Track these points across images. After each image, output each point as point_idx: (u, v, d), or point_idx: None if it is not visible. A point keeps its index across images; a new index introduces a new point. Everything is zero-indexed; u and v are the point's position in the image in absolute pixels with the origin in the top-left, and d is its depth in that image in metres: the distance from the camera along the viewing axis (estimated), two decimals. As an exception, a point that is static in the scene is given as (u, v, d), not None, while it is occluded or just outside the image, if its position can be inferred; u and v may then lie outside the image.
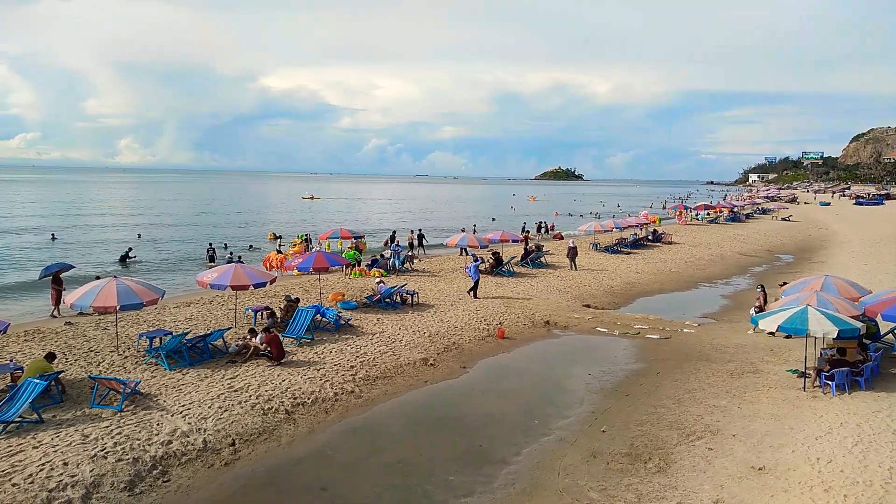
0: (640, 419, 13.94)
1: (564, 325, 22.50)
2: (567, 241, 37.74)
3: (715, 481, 10.92)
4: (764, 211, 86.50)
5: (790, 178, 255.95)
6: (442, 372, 17.35)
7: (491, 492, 11.00)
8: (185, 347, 16.66)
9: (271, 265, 30.57)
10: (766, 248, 47.57)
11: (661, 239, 47.81)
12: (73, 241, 46.96)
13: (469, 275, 26.84)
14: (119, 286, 16.28)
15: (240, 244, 45.84)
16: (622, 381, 16.74)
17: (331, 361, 17.09)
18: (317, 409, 14.28)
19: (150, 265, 37.53)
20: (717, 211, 75.66)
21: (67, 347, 17.57)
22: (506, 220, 67.23)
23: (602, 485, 11.08)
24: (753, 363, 17.57)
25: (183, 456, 11.68)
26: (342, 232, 34.93)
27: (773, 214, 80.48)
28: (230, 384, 14.99)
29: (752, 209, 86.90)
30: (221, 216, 75.50)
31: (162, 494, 10.62)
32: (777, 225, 67.29)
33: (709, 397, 15.06)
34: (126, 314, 20.17)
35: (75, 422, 12.57)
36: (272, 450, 12.45)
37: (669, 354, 18.99)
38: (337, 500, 10.83)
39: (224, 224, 65.15)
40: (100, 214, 73.05)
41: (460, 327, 21.28)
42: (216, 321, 21.04)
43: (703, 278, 33.65)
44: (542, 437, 13.25)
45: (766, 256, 43.30)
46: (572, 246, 35.25)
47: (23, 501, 9.70)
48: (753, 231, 58.88)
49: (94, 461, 10.98)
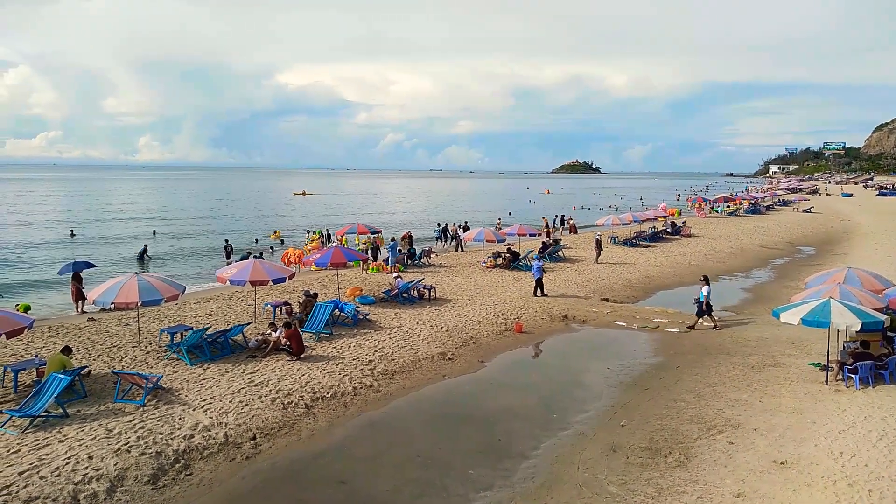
0: (659, 413, 13.86)
1: (583, 319, 22.41)
2: (594, 234, 37.64)
3: (736, 475, 10.83)
4: (785, 203, 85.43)
5: (811, 169, 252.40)
6: (460, 366, 17.36)
7: (510, 486, 11.00)
8: (205, 342, 16.83)
9: (290, 261, 30.79)
10: (787, 240, 46.99)
11: (681, 232, 47.38)
12: (92, 238, 47.55)
13: (532, 274, 25.94)
14: (140, 282, 16.46)
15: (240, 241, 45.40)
16: (641, 375, 16.64)
17: (349, 356, 17.18)
18: (336, 404, 14.37)
19: (167, 261, 37.94)
20: (736, 203, 74.82)
21: (90, 343, 17.83)
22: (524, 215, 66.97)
23: (622, 479, 11.03)
24: (775, 356, 17.39)
25: (205, 450, 11.81)
26: (359, 227, 35.04)
27: (794, 206, 79.40)
28: (250, 379, 15.13)
29: (772, 201, 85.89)
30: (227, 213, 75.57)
31: (184, 488, 10.74)
32: (798, 217, 66.45)
33: (729, 391, 14.93)
34: (147, 310, 20.39)
35: (99, 416, 12.76)
36: (292, 444, 12.55)
37: (689, 348, 18.85)
38: (356, 493, 10.89)
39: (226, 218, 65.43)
40: (118, 212, 73.92)
41: (478, 322, 21.27)
42: (236, 316, 21.23)
43: (723, 271, 33.33)
44: (561, 431, 13.22)
45: (788, 249, 42.77)
46: (598, 238, 35.08)
47: (50, 494, 9.87)
48: (774, 223, 58.20)
49: (117, 455, 11.14)
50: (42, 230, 51.55)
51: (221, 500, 10.53)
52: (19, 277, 31.88)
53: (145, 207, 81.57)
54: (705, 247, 41.35)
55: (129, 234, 47.51)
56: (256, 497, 10.71)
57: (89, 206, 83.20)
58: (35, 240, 45.73)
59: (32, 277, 31.48)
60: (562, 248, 36.62)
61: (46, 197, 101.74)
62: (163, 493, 10.51)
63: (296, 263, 30.19)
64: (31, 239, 46.07)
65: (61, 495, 9.90)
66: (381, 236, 38.21)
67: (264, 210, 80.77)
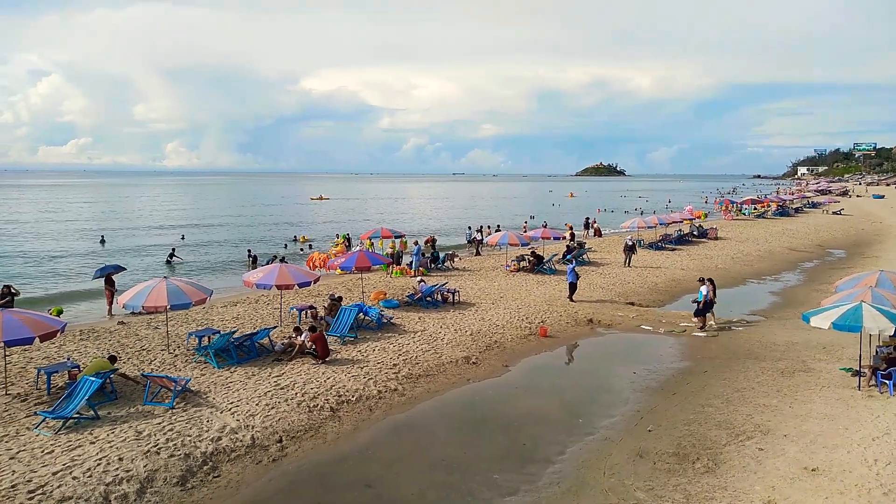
0: (687, 418, 13.69)
1: (608, 324, 22.24)
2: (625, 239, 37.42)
3: (766, 482, 10.66)
4: (814, 205, 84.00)
5: (841, 170, 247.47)
6: (484, 370, 17.33)
7: (535, 490, 10.94)
8: (232, 346, 17.02)
9: (314, 265, 31.03)
10: (816, 242, 46.19)
11: (707, 234, 46.84)
12: (122, 245, 48.31)
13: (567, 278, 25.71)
14: (169, 286, 16.72)
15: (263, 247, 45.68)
16: (668, 380, 16.46)
17: (374, 359, 17.25)
18: (361, 407, 14.43)
19: (195, 265, 38.46)
20: (764, 205, 73.72)
21: (120, 346, 18.14)
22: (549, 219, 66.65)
23: (649, 485, 10.91)
24: (805, 361, 17.09)
25: (232, 452, 11.93)
26: (383, 231, 35.20)
27: (823, 208, 78.03)
28: (277, 382, 15.26)
29: (801, 203, 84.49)
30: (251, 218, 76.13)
31: (212, 490, 10.87)
32: (828, 219, 65.27)
33: (758, 396, 14.71)
34: (176, 313, 20.70)
35: (129, 418, 12.97)
36: (318, 446, 12.63)
37: (717, 352, 18.61)
38: (382, 496, 10.92)
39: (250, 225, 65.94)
40: (147, 218, 75.06)
41: (502, 326, 21.22)
42: (262, 320, 21.44)
43: (751, 274, 32.88)
44: (587, 436, 13.12)
45: (817, 252, 42.04)
46: (630, 243, 34.79)
47: (82, 494, 10.05)
48: (803, 225, 57.24)
49: (147, 457, 11.31)
50: (74, 237, 52.53)
51: (248, 502, 10.63)
52: (53, 282, 32.55)
53: (174, 214, 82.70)
54: (732, 250, 40.81)
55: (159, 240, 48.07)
56: (283, 499, 10.79)
57: (119, 213, 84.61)
58: (67, 247, 46.62)
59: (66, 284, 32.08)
60: (586, 252, 36.38)
61: (77, 204, 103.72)
62: (191, 495, 10.64)
63: (321, 267, 30.42)
64: (64, 246, 46.98)
65: (93, 496, 10.07)
66: (404, 240, 38.36)
67: (284, 215, 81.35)
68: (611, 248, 40.54)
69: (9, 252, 42.18)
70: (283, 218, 75.82)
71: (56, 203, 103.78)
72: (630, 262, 33.92)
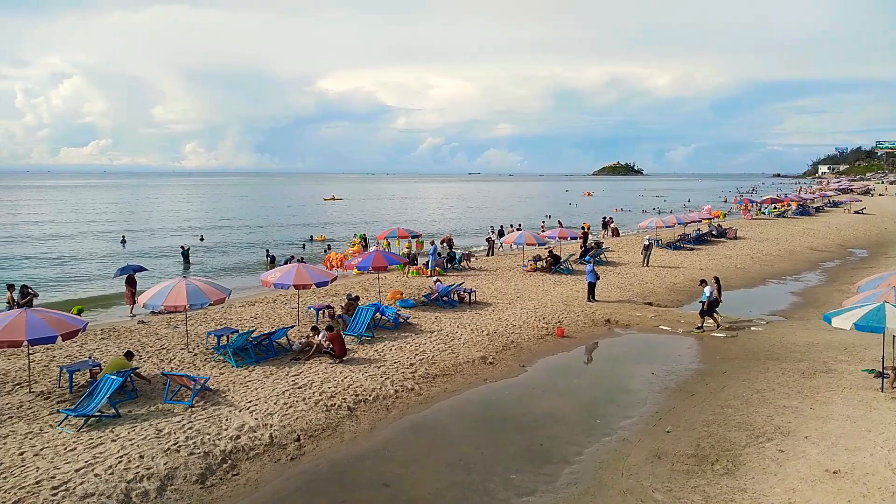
0: (706, 419, 13.58)
1: (626, 324, 22.11)
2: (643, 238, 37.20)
3: (786, 484, 10.54)
4: (835, 204, 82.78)
5: (863, 169, 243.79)
6: (501, 370, 17.31)
7: (553, 491, 10.91)
8: (251, 345, 17.16)
9: (332, 265, 31.16)
10: (837, 242, 45.58)
11: (726, 234, 46.39)
12: (143, 246, 48.80)
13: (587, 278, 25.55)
14: (188, 286, 16.89)
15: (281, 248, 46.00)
16: (687, 381, 16.33)
17: (391, 359, 17.29)
18: (378, 406, 14.48)
19: (213, 265, 38.79)
20: (784, 204, 72.86)
21: (141, 345, 18.34)
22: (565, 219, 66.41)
23: (667, 486, 10.84)
24: (826, 362, 16.87)
25: (251, 450, 12.03)
26: (399, 231, 35.28)
27: (844, 207, 76.91)
28: (294, 381, 15.36)
29: (822, 202, 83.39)
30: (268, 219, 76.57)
31: (231, 487, 10.96)
32: (849, 218, 64.36)
33: (779, 398, 14.55)
34: (195, 313, 20.92)
35: (149, 416, 13.12)
36: (335, 446, 12.68)
37: (736, 353, 18.43)
38: (399, 496, 10.94)
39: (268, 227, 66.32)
40: (167, 219, 75.79)
41: (519, 326, 21.18)
42: (280, 320, 21.58)
43: (771, 274, 32.52)
44: (605, 436, 13.06)
45: (839, 251, 41.48)
46: (648, 243, 34.56)
47: (104, 491, 10.18)
48: (824, 225, 56.49)
49: (167, 454, 11.43)
50: (95, 239, 53.17)
51: (267, 500, 10.71)
52: (77, 286, 32.99)
53: (193, 215, 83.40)
54: (752, 249, 40.40)
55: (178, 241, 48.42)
56: (301, 498, 10.85)
57: (139, 213, 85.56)
58: (88, 248, 47.21)
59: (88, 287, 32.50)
60: (604, 252, 36.19)
61: (98, 204, 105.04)
62: (211, 493, 10.74)
63: (337, 267, 30.54)
64: (85, 247, 47.58)
65: (115, 493, 10.20)
66: (420, 240, 38.43)
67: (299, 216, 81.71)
68: (628, 248, 40.30)
69: (32, 254, 42.75)
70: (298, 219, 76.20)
71: (77, 204, 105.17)
72: (648, 262, 33.70)
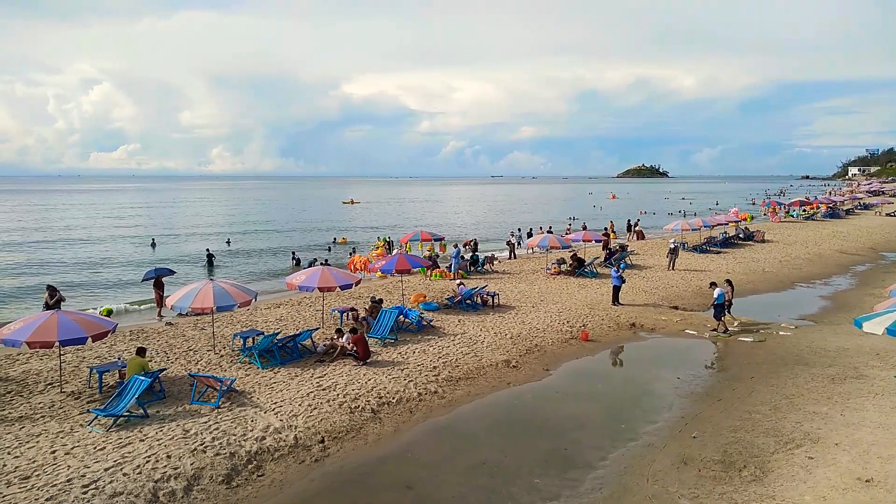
0: (733, 425, 13.39)
1: (651, 328, 21.90)
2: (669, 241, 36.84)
3: (816, 492, 10.34)
4: (866, 206, 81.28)
5: (895, 170, 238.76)
6: (525, 374, 17.24)
7: (577, 496, 10.84)
8: (276, 347, 17.32)
9: (355, 267, 31.34)
10: (868, 245, 44.66)
11: (753, 237, 45.75)
12: (172, 249, 49.44)
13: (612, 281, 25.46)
14: (215, 288, 17.10)
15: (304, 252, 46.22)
16: (713, 386, 16.13)
17: (414, 362, 17.33)
18: (401, 409, 14.51)
19: (239, 268, 39.19)
20: (813, 207, 71.65)
21: (168, 346, 18.62)
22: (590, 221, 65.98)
23: (694, 492, 10.71)
24: (857, 368, 16.54)
25: (276, 451, 12.13)
26: (422, 234, 35.37)
27: (876, 209, 75.48)
28: (319, 383, 15.46)
29: (852, 204, 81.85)
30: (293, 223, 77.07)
31: (257, 488, 11.06)
32: (881, 221, 63.06)
33: (808, 403, 14.29)
34: (221, 315, 21.17)
35: (176, 417, 13.30)
36: (359, 448, 12.74)
37: (764, 358, 18.15)
38: (423, 499, 10.95)
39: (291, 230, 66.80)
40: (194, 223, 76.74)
41: (542, 329, 21.09)
42: (305, 322, 21.75)
43: (800, 278, 31.97)
44: (630, 441, 12.94)
45: (869, 255, 40.64)
46: (674, 246, 34.22)
47: (133, 490, 10.35)
48: (854, 228, 55.42)
49: (194, 455, 11.58)
50: (125, 242, 53.99)
51: (292, 501, 10.79)
52: (105, 284, 33.58)
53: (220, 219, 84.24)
54: (780, 253, 39.76)
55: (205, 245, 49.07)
56: (325, 499, 10.91)
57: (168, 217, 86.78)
58: (119, 251, 47.97)
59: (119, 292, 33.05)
60: (628, 255, 35.88)
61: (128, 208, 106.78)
62: (236, 493, 10.85)
63: (361, 270, 30.70)
64: (116, 250, 48.33)
65: (142, 492, 10.36)
66: (443, 243, 38.46)
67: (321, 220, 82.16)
68: (654, 251, 39.93)
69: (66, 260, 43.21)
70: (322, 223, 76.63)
71: (107, 208, 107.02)
72: (674, 266, 33.35)
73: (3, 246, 50.09)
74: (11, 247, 49.58)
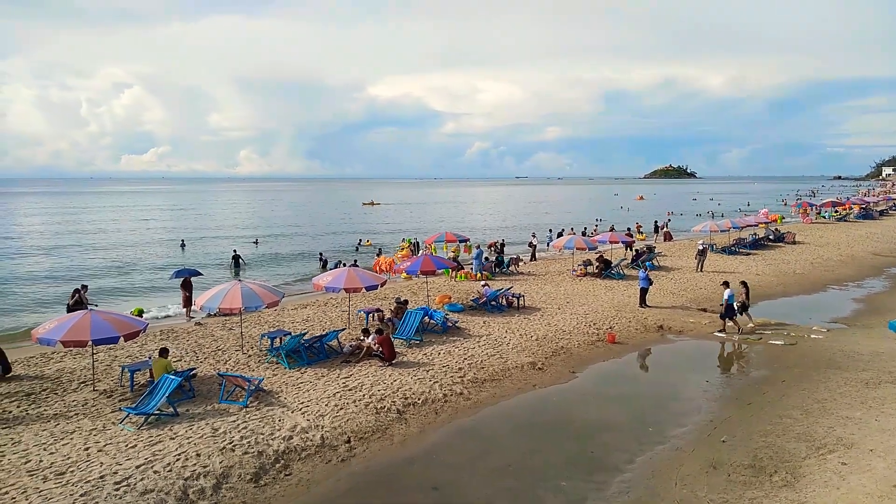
0: (763, 430, 13.17)
1: (679, 330, 21.65)
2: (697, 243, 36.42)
3: (850, 498, 10.12)
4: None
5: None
6: (551, 376, 17.16)
7: (604, 499, 10.75)
8: (303, 347, 17.48)
9: (381, 269, 31.49)
10: (904, 247, 43.61)
11: (784, 239, 44.98)
12: (201, 250, 50.17)
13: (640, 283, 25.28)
14: (243, 289, 17.30)
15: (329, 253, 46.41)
16: (743, 389, 15.88)
17: (439, 363, 17.35)
18: (427, 410, 14.54)
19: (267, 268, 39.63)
20: (846, 208, 70.18)
21: (198, 346, 18.89)
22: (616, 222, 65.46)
23: (723, 497, 10.55)
24: (892, 372, 16.17)
25: (303, 451, 12.23)
26: (447, 235, 35.42)
27: (911, 210, 73.64)
28: (345, 383, 15.56)
29: (886, 205, 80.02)
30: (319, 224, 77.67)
31: (284, 487, 11.16)
32: (917, 222, 61.54)
33: (841, 408, 14.01)
34: (249, 315, 21.41)
35: (206, 416, 13.49)
36: (385, 448, 12.79)
37: (795, 361, 17.83)
38: (449, 500, 10.95)
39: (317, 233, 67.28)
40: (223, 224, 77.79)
41: (569, 331, 20.96)
42: (331, 322, 21.91)
43: (832, 280, 31.34)
44: (657, 445, 12.80)
45: (905, 256, 39.69)
46: (702, 248, 33.80)
47: (163, 488, 10.52)
48: (888, 229, 54.19)
49: (223, 453, 11.73)
50: (156, 244, 54.92)
51: (318, 500, 10.85)
52: (136, 284, 34.19)
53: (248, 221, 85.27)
54: (812, 254, 39.03)
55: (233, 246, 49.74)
56: (352, 499, 10.96)
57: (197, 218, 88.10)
58: (150, 252, 48.85)
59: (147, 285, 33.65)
60: (655, 256, 35.52)
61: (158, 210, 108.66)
62: (264, 492, 10.96)
63: (386, 271, 30.84)
64: (146, 252, 49.23)
65: (172, 489, 10.52)
66: (468, 244, 38.48)
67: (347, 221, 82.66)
68: (682, 253, 39.47)
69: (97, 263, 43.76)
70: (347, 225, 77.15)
71: (138, 210, 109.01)
72: (702, 268, 32.93)
73: (40, 249, 51.33)
74: (46, 249, 50.78)
